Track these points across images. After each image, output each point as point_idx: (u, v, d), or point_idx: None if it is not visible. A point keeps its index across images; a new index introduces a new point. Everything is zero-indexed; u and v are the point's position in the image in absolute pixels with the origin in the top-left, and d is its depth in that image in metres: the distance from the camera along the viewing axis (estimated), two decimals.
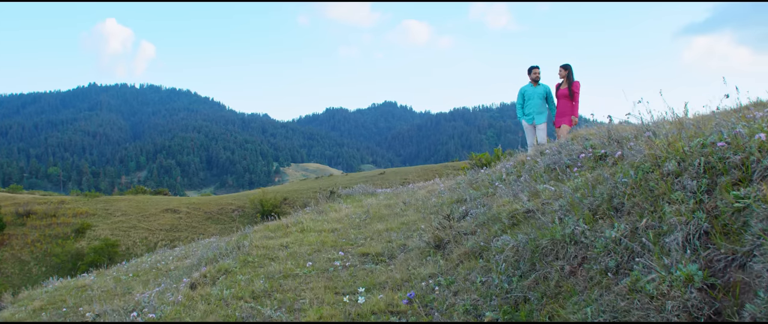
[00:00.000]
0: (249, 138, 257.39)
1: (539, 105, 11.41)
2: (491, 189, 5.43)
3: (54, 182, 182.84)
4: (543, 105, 11.45)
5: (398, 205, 6.45)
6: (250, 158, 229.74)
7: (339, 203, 7.88)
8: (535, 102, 11.48)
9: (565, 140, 5.76)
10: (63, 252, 39.32)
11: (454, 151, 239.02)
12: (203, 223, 47.58)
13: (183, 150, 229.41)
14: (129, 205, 50.78)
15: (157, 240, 43.84)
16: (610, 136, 4.13)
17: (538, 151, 6.02)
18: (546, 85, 11.54)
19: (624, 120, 5.73)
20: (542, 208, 3.43)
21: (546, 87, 11.55)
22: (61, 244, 41.43)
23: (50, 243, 42.22)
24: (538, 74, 11.70)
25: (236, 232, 33.47)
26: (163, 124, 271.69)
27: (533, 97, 11.51)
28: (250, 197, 51.40)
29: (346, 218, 6.16)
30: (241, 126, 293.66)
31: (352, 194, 8.53)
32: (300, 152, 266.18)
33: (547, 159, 4.80)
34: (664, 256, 2.44)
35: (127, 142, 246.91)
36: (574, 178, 3.77)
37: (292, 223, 5.99)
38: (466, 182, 6.77)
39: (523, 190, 4.23)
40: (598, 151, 3.96)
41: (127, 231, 45.02)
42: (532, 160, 5.39)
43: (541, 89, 11.55)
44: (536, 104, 11.47)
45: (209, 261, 5.69)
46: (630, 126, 4.63)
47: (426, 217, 5.57)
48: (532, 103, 11.53)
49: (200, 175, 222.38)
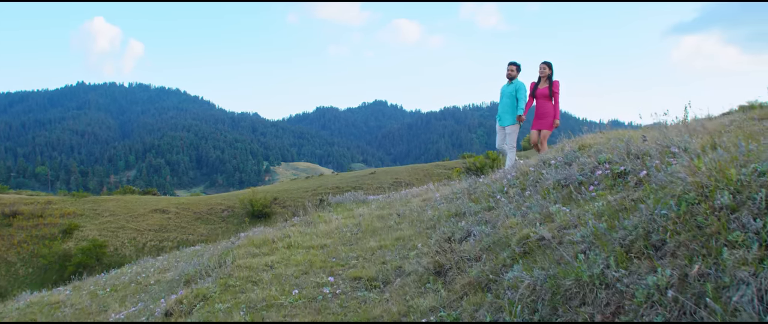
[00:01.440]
0: (239, 137, 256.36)
1: (508, 105, 10.51)
2: (492, 202, 5.03)
3: (42, 182, 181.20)
4: (512, 106, 10.50)
5: (392, 217, 6.05)
6: (240, 157, 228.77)
7: (329, 213, 7.47)
8: (505, 101, 10.58)
9: (570, 150, 5.37)
10: (50, 253, 38.82)
11: (445, 150, 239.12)
12: (192, 224, 47.12)
13: (172, 149, 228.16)
14: (117, 206, 50.19)
15: (146, 241, 43.38)
16: (628, 151, 3.73)
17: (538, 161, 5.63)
18: (520, 81, 10.55)
19: (637, 123, 5.36)
20: (559, 236, 3.02)
21: (518, 84, 10.51)
22: (48, 245, 40.87)
23: (37, 244, 41.64)
24: (514, 71, 10.62)
25: (224, 237, 33.06)
26: (153, 123, 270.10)
27: (503, 97, 10.64)
28: (240, 197, 50.92)
29: (337, 231, 5.76)
30: (231, 125, 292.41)
31: (343, 202, 8.12)
32: (290, 151, 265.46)
33: (556, 173, 4.38)
34: (728, 316, 1.98)
35: (116, 141, 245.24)
36: (592, 199, 3.37)
37: (279, 238, 5.58)
38: (463, 192, 6.37)
39: (532, 209, 3.83)
40: (616, 168, 3.56)
41: (115, 231, 44.50)
42: (537, 172, 5.00)
43: (512, 88, 10.53)
44: (505, 104, 10.56)
45: (189, 280, 5.27)
46: (649, 135, 4.26)
47: (422, 232, 5.17)
48: (502, 103, 10.66)
49: (190, 175, 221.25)
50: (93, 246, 38.43)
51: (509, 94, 10.49)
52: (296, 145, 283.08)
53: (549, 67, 10.34)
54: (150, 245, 42.64)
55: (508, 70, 10.58)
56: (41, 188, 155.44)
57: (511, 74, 10.55)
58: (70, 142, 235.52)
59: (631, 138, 5.10)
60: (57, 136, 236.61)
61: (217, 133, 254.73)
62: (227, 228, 46.11)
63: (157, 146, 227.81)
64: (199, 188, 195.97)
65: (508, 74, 10.59)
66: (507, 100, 10.52)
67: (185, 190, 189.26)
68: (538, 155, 10.46)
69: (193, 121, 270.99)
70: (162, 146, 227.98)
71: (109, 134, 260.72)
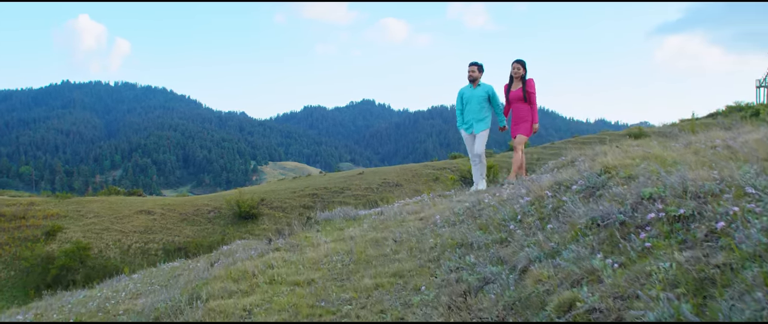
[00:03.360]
0: (226, 136, 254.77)
1: (478, 110, 9.63)
2: (505, 233, 4.39)
3: (26, 182, 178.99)
4: (484, 110, 9.65)
5: (387, 242, 5.40)
6: (228, 157, 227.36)
7: (317, 232, 6.80)
8: (474, 106, 9.67)
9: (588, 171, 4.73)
10: (32, 256, 37.93)
11: (433, 149, 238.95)
12: (178, 225, 46.35)
13: (159, 148, 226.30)
14: (102, 207, 49.31)
15: (131, 242, 42.62)
16: (685, 187, 3.09)
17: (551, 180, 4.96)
18: (488, 85, 9.68)
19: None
20: (617, 311, 2.36)
21: (488, 87, 9.64)
22: (31, 248, 39.95)
23: (19, 246, 40.73)
24: (476, 73, 9.67)
25: (211, 238, 32.39)
26: (139, 123, 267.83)
27: (471, 101, 9.70)
28: (227, 198, 50.17)
29: (326, 261, 5.10)
30: (218, 124, 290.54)
31: (332, 219, 7.46)
32: (278, 151, 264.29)
33: (587, 208, 3.72)
34: None
35: (102, 141, 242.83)
36: (647, 252, 2.73)
37: (260, 270, 4.91)
38: (465, 213, 5.73)
39: (566, 256, 3.17)
40: (671, 210, 2.93)
41: (100, 233, 43.69)
42: (556, 198, 4.35)
43: (482, 91, 9.64)
44: (474, 109, 9.67)
45: (158, 317, 4.61)
46: (687, 157, 3.65)
47: (424, 265, 4.52)
48: (471, 109, 9.74)
49: (177, 174, 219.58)
50: (77, 248, 37.64)
51: (480, 99, 9.62)
52: (284, 144, 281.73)
53: (523, 66, 9.43)
54: (135, 247, 41.94)
55: (470, 72, 9.69)
56: (25, 188, 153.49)
57: (473, 76, 9.65)
58: (54, 142, 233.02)
59: (663, 160, 4.49)
60: (41, 136, 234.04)
61: (204, 133, 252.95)
62: (213, 229, 45.40)
63: (144, 146, 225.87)
64: (186, 188, 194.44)
65: (469, 76, 9.70)
66: (477, 106, 9.65)
67: (172, 189, 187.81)
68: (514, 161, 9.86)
69: (180, 121, 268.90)
70: (148, 146, 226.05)
71: (95, 133, 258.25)
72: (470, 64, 9.72)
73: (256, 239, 12.06)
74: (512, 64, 9.46)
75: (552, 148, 57.68)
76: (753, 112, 51.58)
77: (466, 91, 9.82)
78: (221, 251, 10.65)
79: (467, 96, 9.75)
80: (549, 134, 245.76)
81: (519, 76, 9.40)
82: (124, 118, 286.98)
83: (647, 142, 7.45)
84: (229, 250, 10.53)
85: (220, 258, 8.65)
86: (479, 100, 9.61)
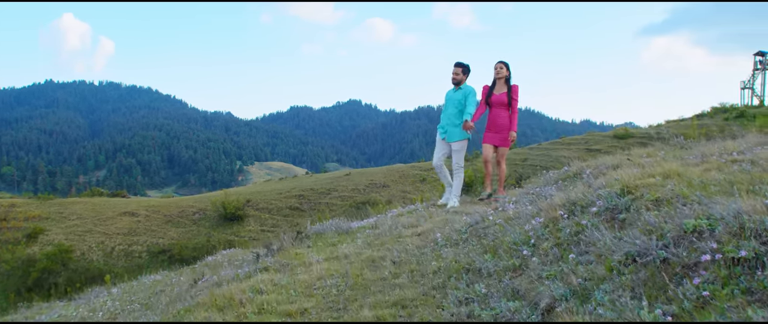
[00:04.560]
0: (212, 136, 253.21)
1: (455, 115, 8.79)
2: (517, 259, 4.01)
3: (8, 182, 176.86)
4: (459, 116, 8.79)
5: (385, 263, 5.00)
6: (213, 157, 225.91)
7: (308, 248, 6.39)
8: (451, 110, 8.85)
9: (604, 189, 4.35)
10: (13, 258, 37.27)
11: (419, 149, 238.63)
12: (162, 227, 45.79)
13: (144, 149, 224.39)
14: (84, 209, 48.65)
15: (114, 245, 42.04)
16: (741, 223, 2.71)
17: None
18: (469, 86, 8.83)
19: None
20: None
21: (467, 89, 8.79)
22: (12, 250, 39.25)
23: None
24: (460, 74, 8.80)
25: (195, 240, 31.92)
26: (123, 122, 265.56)
27: (450, 105, 8.89)
28: (212, 199, 49.62)
29: (319, 285, 4.69)
30: (204, 124, 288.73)
31: (323, 233, 7.06)
32: (264, 151, 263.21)
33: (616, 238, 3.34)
34: None
35: (86, 141, 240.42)
36: (706, 304, 2.35)
37: (248, 297, 4.50)
38: (469, 231, 5.34)
39: (600, 299, 2.78)
40: (731, 252, 2.55)
41: (83, 235, 43.10)
42: (574, 223, 3.96)
43: (459, 95, 8.79)
44: (451, 114, 8.84)
45: None
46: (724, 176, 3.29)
47: (427, 293, 4.12)
48: (448, 113, 8.93)
49: (161, 174, 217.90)
50: (59, 251, 37.09)
51: (456, 102, 8.81)
52: (270, 144, 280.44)
53: (506, 67, 8.67)
54: (118, 250, 41.40)
55: (454, 74, 8.83)
56: (7, 189, 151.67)
57: (458, 78, 8.80)
58: (37, 142, 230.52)
59: (689, 180, 4.13)
60: (24, 136, 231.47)
61: (190, 133, 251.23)
62: (199, 231, 44.89)
63: (128, 146, 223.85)
64: (171, 188, 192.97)
65: (453, 78, 8.84)
66: (453, 110, 8.83)
67: (157, 190, 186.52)
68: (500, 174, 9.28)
69: (165, 121, 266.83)
70: (133, 146, 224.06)
71: (79, 133, 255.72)
72: (455, 64, 8.91)
73: (242, 249, 11.65)
74: (495, 65, 8.74)
75: (539, 149, 57.52)
76: (738, 113, 51.89)
77: (447, 93, 9.10)
78: (206, 263, 10.25)
79: (447, 99, 9.03)
80: (535, 135, 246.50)
81: (503, 78, 8.68)
82: (108, 117, 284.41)
83: (656, 151, 7.14)
84: (214, 262, 10.12)
85: (204, 272, 8.23)
86: (458, 104, 8.83)
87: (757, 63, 62.90)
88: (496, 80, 8.72)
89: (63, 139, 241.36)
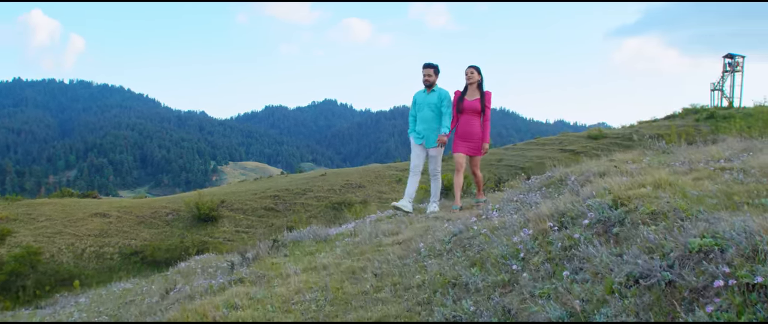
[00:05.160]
0: (185, 136, 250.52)
1: (432, 119, 8.55)
2: (506, 273, 3.83)
3: None
4: (436, 120, 8.57)
5: (367, 275, 4.80)
6: (187, 157, 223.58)
7: (285, 257, 6.17)
8: (427, 115, 8.60)
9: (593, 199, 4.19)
10: None
11: (395, 149, 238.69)
12: (135, 228, 45.03)
13: (116, 148, 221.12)
14: (54, 210, 47.67)
15: (85, 246, 41.21)
16: (754, 246, 2.53)
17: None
18: (444, 90, 8.57)
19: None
20: None
21: (442, 93, 8.54)
22: None
23: None
24: (432, 76, 8.56)
25: (169, 242, 31.50)
26: (95, 122, 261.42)
27: (423, 109, 8.64)
28: (186, 200, 48.98)
29: (298, 299, 4.47)
30: (177, 124, 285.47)
31: (301, 241, 6.83)
32: (238, 150, 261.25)
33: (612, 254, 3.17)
34: None
35: (56, 140, 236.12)
36: None
37: (221, 314, 4.27)
38: (453, 241, 5.16)
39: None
40: (745, 277, 2.38)
41: (52, 237, 42.16)
42: (564, 235, 3.80)
43: (436, 97, 8.53)
44: (428, 118, 8.60)
45: None
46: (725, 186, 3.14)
47: (411, 309, 3.93)
48: (424, 117, 8.66)
49: (134, 175, 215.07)
50: (27, 253, 36.20)
51: (433, 106, 8.53)
52: (245, 144, 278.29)
53: (477, 71, 8.27)
54: (89, 251, 40.59)
55: (425, 75, 8.55)
56: None
57: (430, 80, 8.54)
58: (5, 141, 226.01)
59: (682, 190, 3.98)
60: None
61: (163, 132, 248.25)
62: (172, 232, 44.27)
63: (100, 145, 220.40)
64: (144, 189, 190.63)
65: (425, 80, 8.57)
66: (430, 114, 8.57)
67: (129, 190, 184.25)
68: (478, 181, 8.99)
69: (138, 120, 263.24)
70: (105, 145, 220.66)
71: (48, 133, 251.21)
72: (425, 65, 8.59)
73: (216, 254, 11.37)
74: (466, 71, 8.36)
75: (514, 149, 57.76)
76: (708, 114, 52.72)
77: (419, 96, 8.76)
78: (178, 269, 9.95)
79: (420, 102, 8.70)
80: (510, 134, 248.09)
81: (474, 83, 8.31)
82: (79, 117, 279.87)
83: (640, 156, 7.02)
84: (187, 269, 9.82)
85: (176, 281, 7.95)
86: (432, 108, 8.55)
87: (726, 65, 63.93)
88: (468, 86, 8.37)
89: (32, 138, 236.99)
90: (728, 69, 63.80)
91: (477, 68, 8.29)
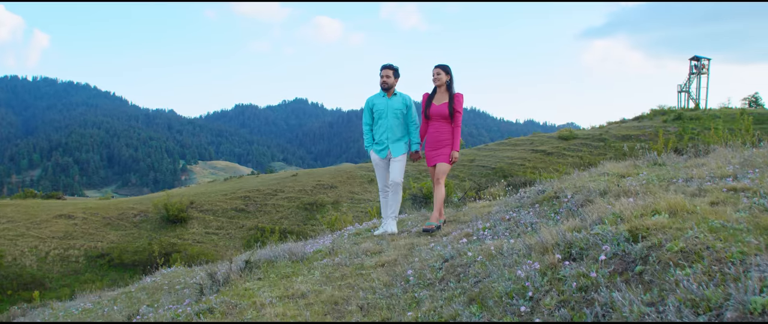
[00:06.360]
0: (154, 135, 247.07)
1: (396, 127, 7.60)
2: (513, 315, 3.41)
3: None
4: (402, 127, 7.67)
5: (351, 308, 4.36)
6: (155, 156, 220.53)
7: (257, 280, 5.69)
8: (390, 122, 7.61)
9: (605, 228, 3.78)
10: None
11: None
12: (101, 230, 44.07)
13: (82, 147, 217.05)
14: (16, 211, 46.51)
15: (49, 249, 40.23)
16: None
17: None
18: (406, 95, 7.69)
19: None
20: None
21: (406, 98, 7.66)
22: None
23: None
24: (391, 78, 7.57)
25: (137, 243, 30.77)
26: (60, 120, 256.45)
27: (386, 115, 7.62)
28: (154, 201, 48.15)
29: None
30: (145, 122, 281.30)
31: (275, 261, 6.35)
32: (208, 150, 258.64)
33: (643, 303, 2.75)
34: None
35: (18, 139, 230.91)
36: None
37: None
38: (445, 268, 4.73)
39: None
40: None
41: (14, 239, 41.11)
42: (578, 273, 3.38)
43: (399, 102, 7.62)
44: (391, 126, 7.61)
45: None
46: None
47: None
48: (386, 125, 7.65)
49: (101, 174, 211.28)
50: None
51: (396, 112, 7.60)
52: (214, 143, 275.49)
53: (446, 71, 7.35)
54: (54, 254, 39.64)
55: (383, 76, 7.56)
56: None
57: (389, 82, 7.54)
58: None
59: (705, 220, 3.60)
60: None
61: (131, 131, 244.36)
62: (140, 234, 43.42)
63: (65, 144, 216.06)
64: (111, 188, 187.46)
65: (382, 82, 7.58)
66: (393, 121, 7.60)
67: (95, 190, 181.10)
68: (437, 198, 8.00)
69: (105, 118, 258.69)
70: (70, 144, 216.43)
71: (11, 131, 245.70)
72: (383, 67, 7.58)
73: (185, 267, 10.81)
74: (433, 71, 7.39)
75: (486, 149, 57.79)
76: (675, 115, 53.42)
77: (378, 101, 7.69)
78: (143, 285, 9.39)
79: (380, 108, 7.63)
80: (480, 135, 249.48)
81: (443, 85, 7.36)
82: (43, 115, 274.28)
83: (635, 168, 6.66)
84: (152, 285, 9.28)
85: (141, 301, 7.41)
86: (396, 114, 7.60)
87: (692, 67, 64.90)
88: (436, 88, 7.42)
89: None
90: (694, 71, 64.78)
91: (445, 68, 7.37)
